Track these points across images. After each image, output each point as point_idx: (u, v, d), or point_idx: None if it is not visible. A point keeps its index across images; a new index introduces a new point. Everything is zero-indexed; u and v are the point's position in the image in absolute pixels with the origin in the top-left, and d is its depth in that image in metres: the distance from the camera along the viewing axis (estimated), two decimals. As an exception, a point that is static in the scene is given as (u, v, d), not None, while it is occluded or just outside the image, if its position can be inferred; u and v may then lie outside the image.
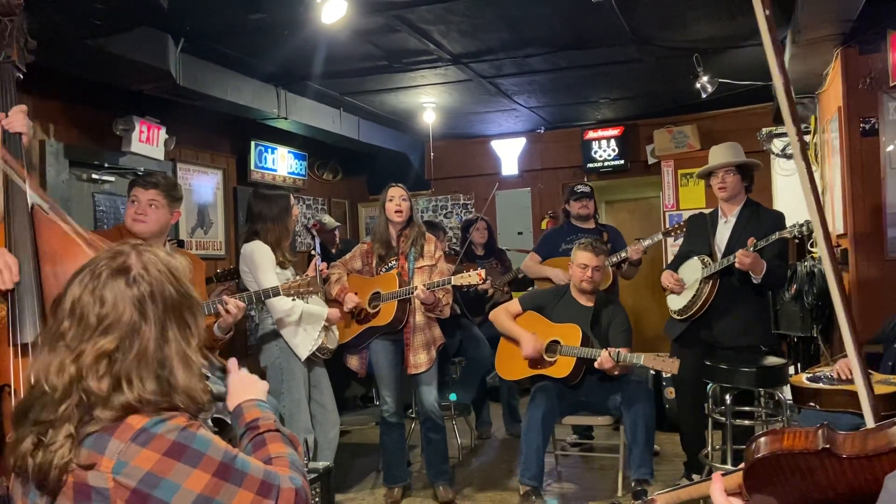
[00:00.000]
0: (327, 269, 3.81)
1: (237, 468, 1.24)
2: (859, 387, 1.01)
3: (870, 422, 0.97)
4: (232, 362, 1.56)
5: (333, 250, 6.02)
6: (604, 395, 3.85)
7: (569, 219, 4.92)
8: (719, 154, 3.85)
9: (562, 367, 3.78)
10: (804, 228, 3.53)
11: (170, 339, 1.29)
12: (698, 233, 3.97)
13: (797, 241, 4.55)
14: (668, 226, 6.48)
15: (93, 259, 1.33)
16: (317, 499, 2.70)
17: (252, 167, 6.12)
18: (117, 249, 1.33)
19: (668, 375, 4.81)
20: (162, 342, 1.28)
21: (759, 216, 3.77)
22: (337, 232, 6.38)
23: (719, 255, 3.75)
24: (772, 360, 3.71)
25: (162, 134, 5.05)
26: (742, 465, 0.92)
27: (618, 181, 7.25)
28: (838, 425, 0.86)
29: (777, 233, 3.55)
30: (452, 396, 3.82)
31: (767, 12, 1.07)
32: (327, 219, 6.69)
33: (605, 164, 7.10)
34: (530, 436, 3.72)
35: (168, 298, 1.30)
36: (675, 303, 3.88)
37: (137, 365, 1.24)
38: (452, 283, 3.73)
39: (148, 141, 4.94)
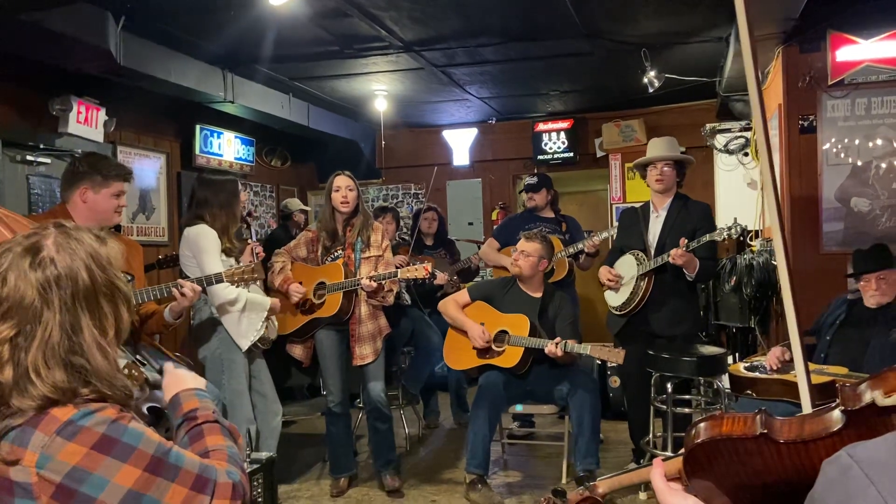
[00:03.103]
0: (263, 252, 3.74)
1: (171, 462, 1.19)
2: (799, 375, 1.03)
3: (807, 408, 0.99)
4: (168, 366, 1.49)
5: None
6: (550, 384, 3.89)
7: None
8: (659, 146, 4.01)
9: (510, 357, 3.80)
10: (733, 231, 3.68)
11: (83, 328, 1.21)
12: (631, 227, 4.09)
13: (726, 242, 4.67)
14: (615, 219, 6.58)
15: (15, 236, 1.25)
16: (259, 489, 2.64)
17: (197, 152, 5.95)
18: (38, 228, 1.25)
19: (614, 365, 4.88)
20: (71, 330, 1.20)
21: (687, 209, 3.93)
22: (304, 216, 6.22)
23: (652, 250, 3.89)
24: (711, 350, 3.83)
25: (101, 115, 4.87)
26: (682, 451, 0.93)
27: (567, 173, 7.32)
28: (774, 413, 0.87)
29: (707, 235, 3.72)
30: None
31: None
32: (290, 200, 6.54)
33: (555, 156, 7.17)
34: (477, 425, 3.74)
35: (81, 285, 1.22)
36: (615, 299, 4.01)
37: (42, 354, 1.16)
38: (399, 275, 3.70)
39: (86, 122, 4.76)
